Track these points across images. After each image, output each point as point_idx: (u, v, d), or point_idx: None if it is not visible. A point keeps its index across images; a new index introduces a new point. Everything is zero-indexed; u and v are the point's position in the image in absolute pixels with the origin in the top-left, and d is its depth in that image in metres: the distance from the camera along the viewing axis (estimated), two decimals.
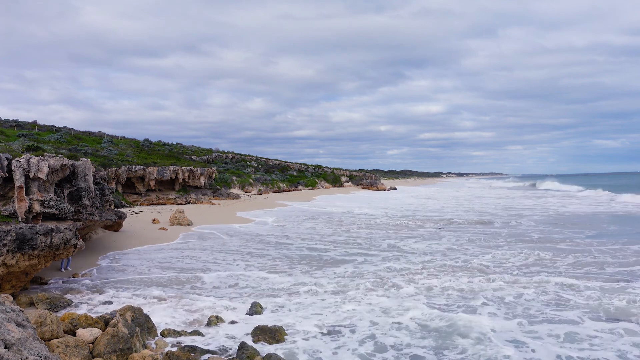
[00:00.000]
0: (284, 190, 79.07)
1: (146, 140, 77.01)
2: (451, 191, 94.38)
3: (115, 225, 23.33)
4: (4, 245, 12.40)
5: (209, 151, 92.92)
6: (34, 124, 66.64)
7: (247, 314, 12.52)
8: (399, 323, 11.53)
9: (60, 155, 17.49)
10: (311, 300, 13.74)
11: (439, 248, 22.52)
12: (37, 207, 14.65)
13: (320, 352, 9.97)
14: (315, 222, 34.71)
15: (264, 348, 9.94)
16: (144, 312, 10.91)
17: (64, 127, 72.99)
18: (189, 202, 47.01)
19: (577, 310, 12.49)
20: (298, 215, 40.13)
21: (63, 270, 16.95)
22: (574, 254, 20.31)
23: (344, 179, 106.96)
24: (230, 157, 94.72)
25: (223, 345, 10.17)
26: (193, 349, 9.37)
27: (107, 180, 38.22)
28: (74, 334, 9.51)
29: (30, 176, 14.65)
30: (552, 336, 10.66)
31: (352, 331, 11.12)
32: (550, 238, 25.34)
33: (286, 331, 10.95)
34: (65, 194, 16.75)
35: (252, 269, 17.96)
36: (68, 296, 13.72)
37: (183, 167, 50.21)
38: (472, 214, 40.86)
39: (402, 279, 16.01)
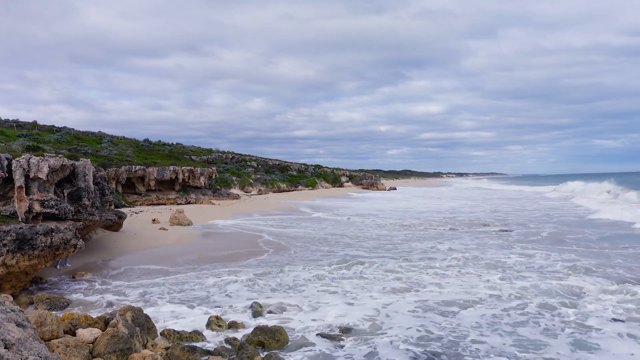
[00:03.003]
0: (284, 190, 79.05)
1: (146, 140, 77.00)
2: (469, 192, 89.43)
3: (115, 226, 23.31)
4: (4, 245, 12.39)
5: (209, 151, 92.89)
6: (34, 124, 66.63)
7: (247, 314, 12.53)
8: None
9: (60, 156, 17.48)
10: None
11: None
12: (37, 207, 14.65)
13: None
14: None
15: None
16: (144, 312, 10.91)
17: (64, 127, 73.00)
18: (189, 202, 47.00)
19: None
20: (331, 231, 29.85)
21: (59, 267, 16.95)
22: None
23: (344, 179, 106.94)
24: (230, 157, 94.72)
25: (223, 346, 10.16)
26: (193, 349, 9.36)
27: (107, 180, 38.21)
28: (74, 334, 9.50)
29: (30, 176, 14.64)
30: None
31: None
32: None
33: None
34: (65, 194, 16.75)
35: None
36: (68, 296, 13.72)
37: (183, 167, 50.20)
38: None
39: None
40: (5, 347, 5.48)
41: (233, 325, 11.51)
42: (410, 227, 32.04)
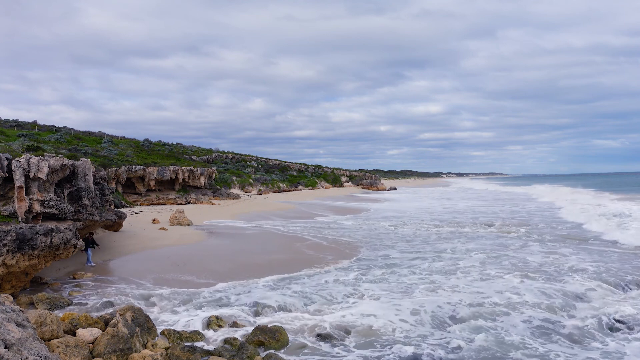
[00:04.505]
0: (284, 190, 79.07)
1: (146, 140, 77.02)
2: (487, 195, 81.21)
3: (115, 225, 23.31)
4: (4, 245, 12.39)
5: (209, 151, 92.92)
6: (34, 124, 66.66)
7: (246, 314, 12.53)
8: None
9: (60, 155, 17.48)
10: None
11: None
12: (37, 207, 14.64)
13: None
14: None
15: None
16: (144, 312, 10.90)
17: (64, 127, 73.06)
18: (189, 202, 47.01)
19: None
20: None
21: (87, 265, 17.79)
22: None
23: (344, 179, 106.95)
24: (230, 157, 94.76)
25: (223, 346, 10.16)
26: (193, 349, 9.36)
27: (107, 180, 38.16)
28: (74, 334, 9.50)
29: (30, 176, 14.64)
30: None
31: None
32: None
33: None
34: (65, 194, 16.74)
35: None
36: (68, 296, 13.72)
37: (183, 167, 50.20)
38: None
39: None
40: (5, 347, 5.48)
41: (233, 325, 11.51)
42: (462, 228, 31.97)
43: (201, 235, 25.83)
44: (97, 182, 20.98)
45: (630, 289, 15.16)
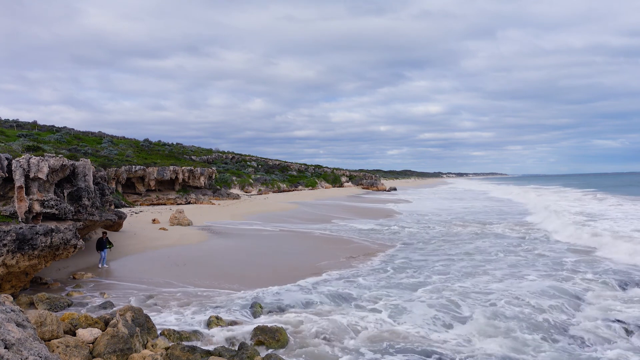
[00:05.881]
0: (284, 191, 79.05)
1: (146, 140, 77.00)
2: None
3: (115, 226, 23.30)
4: (4, 245, 12.39)
5: (209, 151, 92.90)
6: (34, 124, 66.63)
7: (246, 314, 12.53)
8: None
9: (60, 156, 17.48)
10: None
11: None
12: (37, 207, 14.64)
13: None
14: None
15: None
16: (144, 312, 10.90)
17: (64, 127, 73.02)
18: (189, 202, 47.00)
19: None
20: None
21: (100, 267, 17.69)
22: None
23: (344, 179, 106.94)
24: (230, 157, 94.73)
25: (223, 346, 10.15)
26: (193, 349, 9.35)
27: (107, 180, 38.15)
28: (74, 334, 9.49)
29: (30, 176, 14.64)
30: None
31: None
32: None
33: None
34: (65, 194, 16.74)
35: None
36: (68, 297, 13.71)
37: (183, 167, 50.19)
38: None
39: None
40: (5, 347, 5.48)
41: (233, 325, 11.51)
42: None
43: (201, 236, 25.82)
44: (97, 182, 20.98)
45: None
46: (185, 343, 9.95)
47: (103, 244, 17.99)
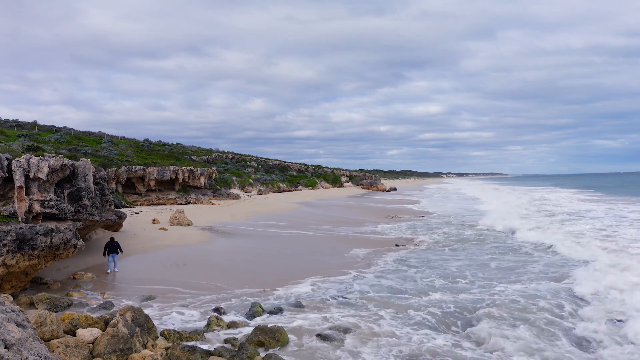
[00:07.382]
0: (284, 190, 79.05)
1: (146, 140, 76.98)
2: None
3: (115, 226, 23.30)
4: (4, 245, 12.39)
5: (209, 151, 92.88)
6: (34, 124, 66.61)
7: (246, 315, 12.52)
8: None
9: (60, 156, 17.48)
10: None
11: None
12: (37, 207, 14.64)
13: None
14: None
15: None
16: (144, 312, 10.90)
17: (64, 127, 72.99)
18: (189, 202, 46.99)
19: None
20: None
21: (109, 271, 16.99)
22: None
23: (344, 179, 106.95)
24: (230, 157, 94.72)
25: (223, 346, 10.15)
26: (193, 349, 9.35)
27: (107, 180, 38.13)
28: (74, 334, 9.50)
29: (30, 176, 14.64)
30: None
31: None
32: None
33: None
34: (65, 194, 16.74)
35: None
36: (68, 297, 13.71)
37: (183, 167, 50.19)
38: None
39: None
40: (6, 347, 5.48)
41: (232, 325, 11.51)
42: None
43: (202, 236, 25.81)
44: (97, 182, 20.98)
45: None
46: (185, 343, 9.96)
47: (114, 248, 17.51)
